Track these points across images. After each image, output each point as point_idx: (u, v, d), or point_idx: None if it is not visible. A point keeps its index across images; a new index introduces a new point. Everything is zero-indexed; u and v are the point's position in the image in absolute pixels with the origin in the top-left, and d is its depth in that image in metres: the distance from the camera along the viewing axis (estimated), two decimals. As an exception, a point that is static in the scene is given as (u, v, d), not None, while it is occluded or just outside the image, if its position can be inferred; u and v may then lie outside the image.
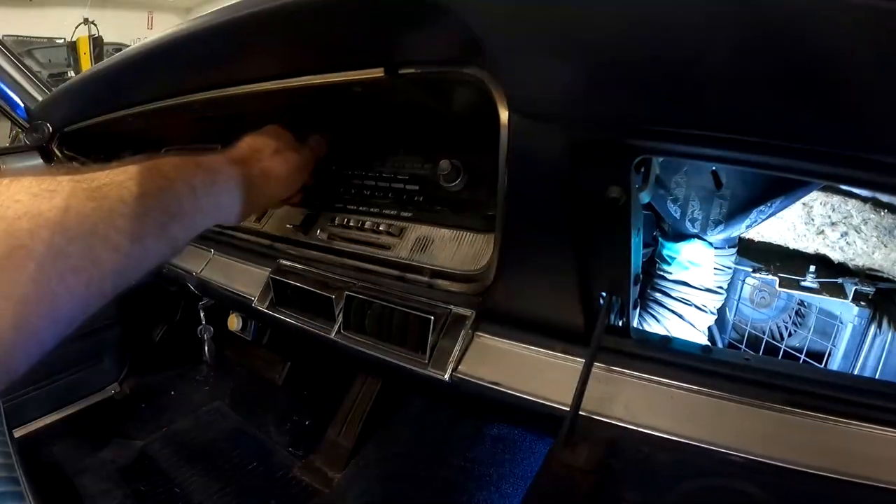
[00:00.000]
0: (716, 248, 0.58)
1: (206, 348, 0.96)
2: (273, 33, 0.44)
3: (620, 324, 0.45)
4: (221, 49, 0.50)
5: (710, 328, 0.65)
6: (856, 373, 0.74)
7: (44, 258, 0.29)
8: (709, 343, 0.69)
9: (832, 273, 0.69)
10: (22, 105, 1.16)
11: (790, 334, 0.85)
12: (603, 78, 0.32)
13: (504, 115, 0.38)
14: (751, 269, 0.74)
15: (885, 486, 0.33)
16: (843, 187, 0.60)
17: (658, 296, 0.60)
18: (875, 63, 0.24)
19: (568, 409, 0.43)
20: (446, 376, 0.49)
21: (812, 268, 0.70)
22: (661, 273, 0.59)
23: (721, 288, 0.60)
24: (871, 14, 0.22)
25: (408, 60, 0.41)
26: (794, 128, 0.29)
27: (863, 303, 0.69)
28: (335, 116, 0.64)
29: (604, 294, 0.43)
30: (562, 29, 0.31)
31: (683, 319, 0.61)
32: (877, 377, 0.73)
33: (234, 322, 0.96)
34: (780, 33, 0.25)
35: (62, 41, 4.70)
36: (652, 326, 0.61)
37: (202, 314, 0.92)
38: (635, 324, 0.46)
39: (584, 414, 0.42)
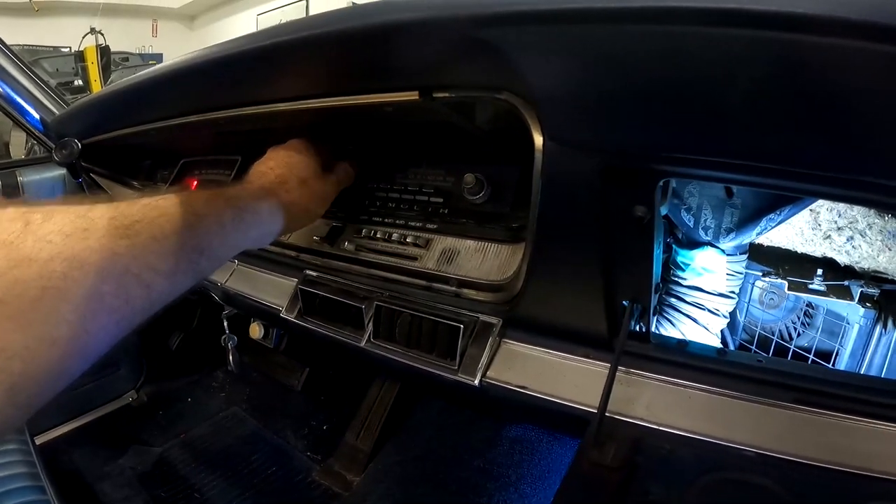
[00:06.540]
0: (728, 254, 0.60)
1: (231, 357, 0.98)
2: (317, 58, 0.46)
3: (641, 329, 0.47)
4: (261, 71, 0.52)
5: (722, 330, 0.68)
6: (862, 371, 0.77)
7: (77, 299, 0.29)
8: (721, 345, 0.72)
9: (839, 276, 0.71)
10: (37, 117, 1.16)
11: (799, 335, 0.87)
12: (634, 112, 0.35)
13: (538, 140, 0.40)
14: (761, 273, 0.77)
15: (889, 478, 0.35)
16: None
17: (673, 301, 0.63)
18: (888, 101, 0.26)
19: (591, 410, 0.46)
20: (476, 381, 0.51)
21: (819, 271, 0.72)
22: (676, 279, 0.62)
23: (733, 292, 0.63)
24: (885, 59, 0.24)
25: (443, 85, 0.43)
26: (807, 157, 0.32)
27: (868, 304, 0.71)
28: (360, 131, 0.66)
29: (626, 302, 0.46)
30: (599, 68, 0.34)
31: (697, 323, 0.63)
32: (882, 375, 0.75)
33: (257, 330, 0.97)
34: (797, 74, 0.28)
35: (68, 50, 4.71)
36: (667, 330, 0.64)
37: (226, 324, 0.94)
38: (653, 328, 0.48)
39: (608, 415, 0.45)
